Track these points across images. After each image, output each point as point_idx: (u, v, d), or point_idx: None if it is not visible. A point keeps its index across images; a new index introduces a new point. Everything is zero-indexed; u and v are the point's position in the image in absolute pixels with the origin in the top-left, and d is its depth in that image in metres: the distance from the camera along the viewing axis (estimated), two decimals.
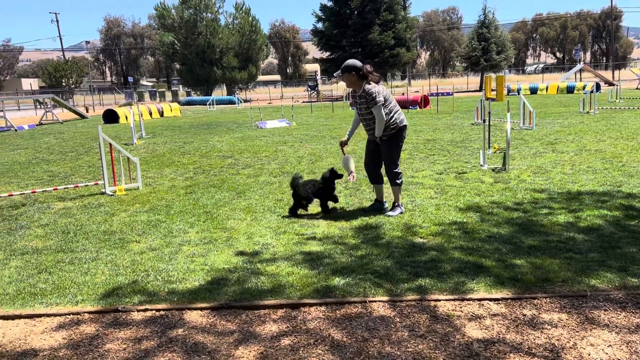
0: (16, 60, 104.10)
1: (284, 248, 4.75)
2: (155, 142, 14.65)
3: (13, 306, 3.72)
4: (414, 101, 25.12)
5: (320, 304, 3.53)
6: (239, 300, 3.64)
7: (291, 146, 12.31)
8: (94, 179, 8.70)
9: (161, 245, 5.01)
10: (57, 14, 66.17)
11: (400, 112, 5.74)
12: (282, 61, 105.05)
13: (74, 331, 3.32)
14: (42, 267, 4.49)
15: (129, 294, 3.85)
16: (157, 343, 3.12)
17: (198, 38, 46.24)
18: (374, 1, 42.85)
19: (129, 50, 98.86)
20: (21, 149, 14.22)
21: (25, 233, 5.62)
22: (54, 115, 26.64)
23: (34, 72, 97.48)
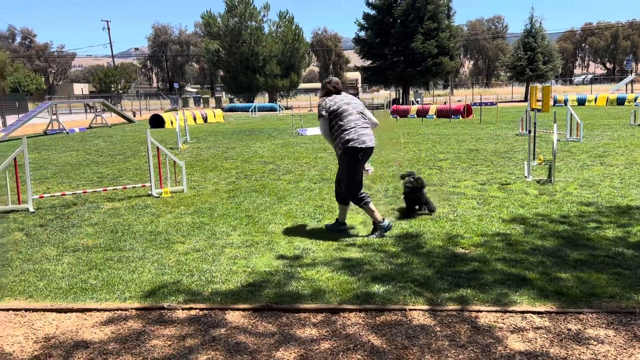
0: (69, 65, 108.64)
1: (324, 253, 4.80)
2: (199, 146, 15.01)
3: (66, 300, 3.90)
4: (456, 110, 24.82)
5: (359, 310, 3.55)
6: (280, 303, 3.70)
7: (331, 153, 12.36)
8: (141, 181, 8.99)
9: (205, 246, 5.14)
10: (108, 22, 68.77)
11: (353, 132, 5.12)
12: (324, 69, 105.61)
13: (122, 326, 3.45)
14: (92, 264, 4.69)
15: (173, 293, 3.97)
16: (200, 341, 3.21)
17: (242, 46, 47.11)
18: (417, 10, 42.62)
19: (175, 57, 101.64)
20: (72, 151, 14.83)
21: (76, 231, 5.87)
22: (103, 119, 27.66)
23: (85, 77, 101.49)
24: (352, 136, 5.12)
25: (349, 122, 5.17)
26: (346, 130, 5.14)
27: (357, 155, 5.15)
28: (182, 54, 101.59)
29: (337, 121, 5.20)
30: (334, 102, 5.26)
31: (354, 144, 5.11)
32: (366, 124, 5.30)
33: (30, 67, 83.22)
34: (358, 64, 51.60)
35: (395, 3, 43.87)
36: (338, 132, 5.19)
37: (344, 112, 5.21)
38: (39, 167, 11.49)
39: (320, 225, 5.82)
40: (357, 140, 5.12)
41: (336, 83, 5.44)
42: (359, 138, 5.13)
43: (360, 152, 5.15)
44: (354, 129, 5.15)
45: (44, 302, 3.86)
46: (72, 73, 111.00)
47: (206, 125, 26.17)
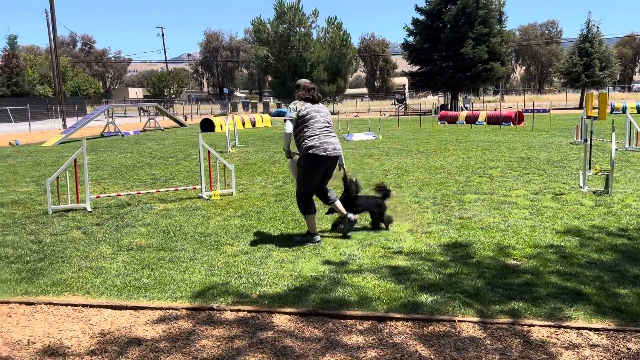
0: (125, 70, 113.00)
1: (370, 260, 4.77)
2: (247, 150, 15.26)
3: (120, 297, 4.04)
4: (507, 117, 24.20)
5: (407, 319, 3.51)
6: (326, 308, 3.70)
7: (377, 159, 12.31)
8: (192, 184, 9.22)
9: (252, 249, 5.22)
10: (162, 29, 71.16)
11: (316, 139, 5.28)
12: (370, 74, 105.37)
13: (173, 325, 3.55)
14: (145, 263, 4.84)
15: (222, 294, 4.05)
16: (248, 343, 3.26)
17: (291, 52, 47.66)
18: (468, 15, 41.90)
19: (225, 63, 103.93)
20: (127, 153, 15.39)
21: (130, 231, 6.08)
22: (156, 123, 28.57)
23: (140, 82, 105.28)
24: (314, 143, 5.31)
25: (314, 129, 5.37)
26: (310, 137, 5.34)
27: (316, 161, 5.33)
28: (232, 59, 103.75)
29: (303, 127, 5.40)
30: (305, 107, 5.44)
31: (315, 151, 5.30)
32: (331, 133, 5.48)
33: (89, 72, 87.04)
34: (406, 69, 51.14)
35: (446, 8, 43.30)
36: (302, 138, 5.38)
37: (311, 118, 5.40)
38: (96, 168, 11.98)
39: (367, 231, 5.79)
40: (319, 147, 5.30)
41: (305, 90, 5.54)
42: (321, 146, 5.32)
43: (320, 159, 5.32)
44: (317, 136, 5.35)
45: (100, 299, 4.01)
46: (127, 78, 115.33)
47: (254, 129, 26.59)
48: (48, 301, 3.96)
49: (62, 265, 4.84)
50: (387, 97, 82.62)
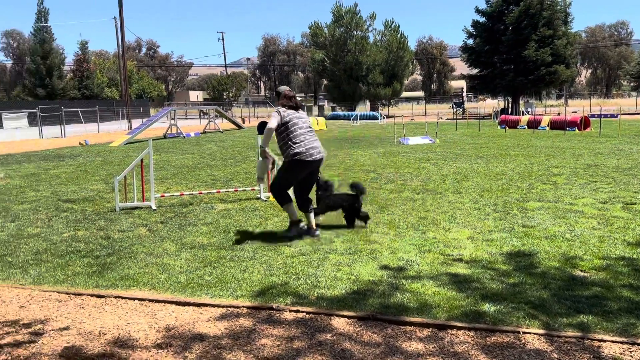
0: (186, 74, 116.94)
1: (429, 267, 4.70)
2: None
3: (184, 294, 4.18)
4: (572, 122, 23.20)
5: (468, 328, 3.43)
6: (385, 314, 3.68)
7: (434, 163, 12.12)
8: (250, 185, 9.41)
9: (310, 251, 5.26)
10: (223, 34, 73.11)
11: (302, 146, 5.57)
12: (427, 77, 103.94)
13: (234, 323, 3.63)
14: (207, 261, 4.98)
15: (281, 294, 4.10)
16: (307, 344, 3.28)
17: (347, 55, 47.74)
18: (531, 16, 40.50)
19: (282, 67, 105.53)
20: (188, 154, 15.90)
21: (193, 229, 6.28)
22: (216, 125, 29.36)
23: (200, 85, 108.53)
24: (301, 150, 5.58)
25: (299, 135, 5.63)
26: (296, 143, 5.59)
27: (302, 166, 5.62)
28: (288, 63, 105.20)
29: (287, 133, 5.63)
30: (287, 113, 5.68)
31: (302, 157, 5.58)
32: (314, 137, 5.76)
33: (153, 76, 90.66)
34: (464, 72, 50.07)
35: (507, 10, 42.03)
36: (287, 143, 5.63)
37: (294, 125, 5.65)
38: (159, 168, 12.45)
39: (426, 237, 5.71)
40: (305, 154, 5.59)
41: (287, 98, 5.78)
42: (307, 152, 5.60)
43: (307, 164, 5.61)
44: (303, 142, 5.61)
45: (165, 294, 4.16)
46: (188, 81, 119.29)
47: None
48: (117, 295, 4.15)
49: (129, 260, 5.06)
50: (444, 100, 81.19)
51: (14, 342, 3.36)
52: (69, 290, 4.29)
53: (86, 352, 3.23)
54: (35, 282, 4.53)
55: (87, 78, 57.57)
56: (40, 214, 7.30)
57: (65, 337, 3.43)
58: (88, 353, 3.21)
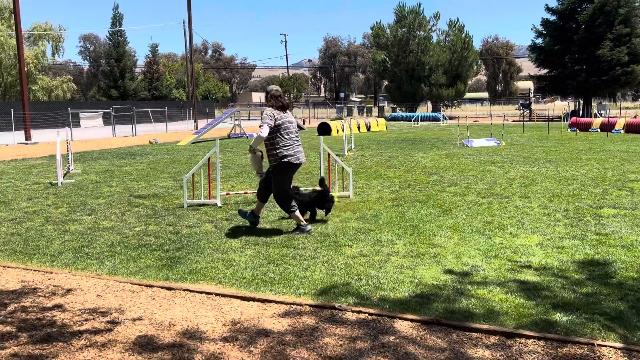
0: (249, 76, 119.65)
1: (496, 273, 4.56)
2: (363, 154, 15.38)
3: (249, 289, 4.28)
4: None
5: (538, 337, 3.30)
6: (450, 319, 3.61)
7: (500, 167, 11.74)
8: (311, 185, 9.49)
9: (371, 252, 5.24)
10: (285, 36, 74.27)
11: (291, 149, 5.85)
12: (492, 78, 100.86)
13: (297, 320, 3.68)
14: (270, 259, 5.08)
15: (343, 294, 4.11)
16: (370, 345, 3.27)
17: (409, 56, 47.16)
18: (606, 14, 38.39)
19: (342, 68, 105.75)
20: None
21: (256, 227, 6.41)
22: None
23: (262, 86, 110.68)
24: (289, 152, 5.87)
25: (289, 139, 5.90)
26: (285, 146, 5.86)
27: (290, 168, 5.92)
28: (349, 64, 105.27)
29: (277, 135, 5.85)
30: (281, 116, 5.89)
31: (291, 159, 5.87)
32: (299, 141, 6.03)
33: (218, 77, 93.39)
34: (532, 72, 48.20)
35: (580, 7, 40.08)
36: (277, 145, 5.86)
37: (285, 128, 5.89)
38: (224, 167, 12.81)
39: (492, 242, 5.55)
40: (293, 156, 5.89)
41: (278, 98, 5.98)
42: (295, 154, 5.91)
43: (293, 166, 5.92)
44: (291, 146, 5.89)
45: (230, 289, 4.28)
46: (251, 83, 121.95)
47: (369, 133, 26.70)
48: (186, 288, 4.31)
49: (196, 255, 5.25)
50: (509, 101, 78.51)
51: (92, 329, 3.56)
52: (141, 281, 4.50)
53: (157, 341, 3.37)
54: (110, 272, 4.78)
55: (157, 80, 60.15)
56: (114, 209, 7.69)
57: (138, 327, 3.60)
58: (159, 343, 3.35)
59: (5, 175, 11.82)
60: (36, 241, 5.89)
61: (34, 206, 8.02)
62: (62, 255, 5.34)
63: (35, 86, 51.51)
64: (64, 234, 6.19)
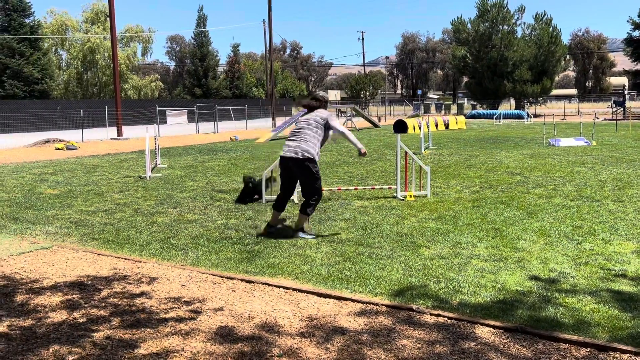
0: (326, 74, 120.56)
1: (586, 281, 4.28)
2: (441, 153, 15.01)
3: (325, 286, 4.30)
4: None
5: (636, 353, 3.05)
6: (535, 327, 3.42)
7: (591, 168, 11.02)
8: (386, 183, 9.40)
9: (450, 254, 5.09)
10: (363, 33, 74.10)
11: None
12: (581, 73, 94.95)
13: (373, 320, 3.64)
14: (346, 256, 5.07)
15: (421, 296, 4.03)
16: (449, 350, 3.18)
17: (491, 51, 45.45)
18: None
19: (420, 64, 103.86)
20: (326, 151, 16.37)
21: (331, 224, 6.44)
22: (353, 123, 29.86)
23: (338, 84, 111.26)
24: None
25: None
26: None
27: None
28: (427, 61, 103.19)
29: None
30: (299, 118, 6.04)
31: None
32: (296, 137, 5.86)
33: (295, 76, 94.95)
34: (627, 67, 44.82)
35: None
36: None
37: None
38: None
39: (582, 248, 5.21)
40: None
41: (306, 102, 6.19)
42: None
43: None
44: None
45: (307, 285, 4.32)
46: (327, 81, 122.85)
47: (447, 131, 26.03)
48: (264, 281, 4.40)
49: (274, 250, 5.35)
50: (600, 98, 73.55)
51: (176, 317, 3.73)
52: (222, 273, 4.66)
53: (237, 333, 3.47)
54: (193, 263, 4.99)
55: (238, 78, 62.11)
56: (197, 202, 8.03)
57: (219, 317, 3.73)
58: (239, 334, 3.45)
59: (100, 169, 12.70)
60: (126, 231, 6.27)
61: (125, 198, 8.54)
62: (150, 245, 5.64)
63: (127, 85, 54.97)
64: (151, 225, 6.54)
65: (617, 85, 79.98)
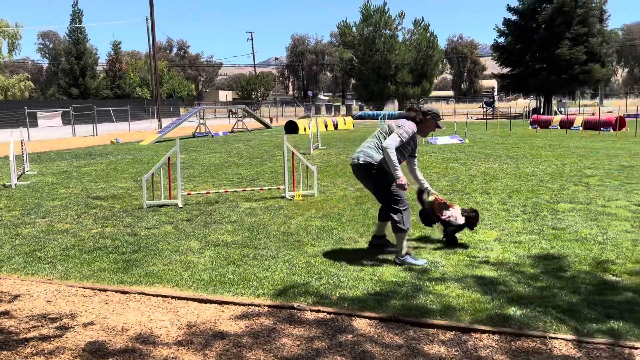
0: (216, 74, 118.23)
1: (454, 269, 4.61)
2: (329, 152, 15.38)
3: (206, 291, 4.19)
4: (606, 122, 22.55)
5: (493, 332, 3.34)
6: (407, 315, 3.62)
7: (463, 164, 11.92)
8: (276, 184, 9.42)
9: (333, 251, 5.22)
10: (252, 33, 73.77)
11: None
12: (457, 76, 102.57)
13: (255, 321, 3.62)
14: (230, 259, 5.00)
15: (303, 294, 4.08)
16: (327, 345, 3.25)
17: (375, 54, 47.47)
18: (565, 14, 39.53)
19: (310, 66, 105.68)
20: (216, 153, 16.06)
21: (217, 227, 6.31)
22: (244, 124, 29.59)
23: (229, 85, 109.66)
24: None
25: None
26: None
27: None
28: (317, 63, 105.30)
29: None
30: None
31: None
32: (365, 145, 5.03)
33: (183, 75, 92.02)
34: (495, 71, 49.22)
35: (540, 8, 41.13)
36: None
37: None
38: (187, 166, 12.60)
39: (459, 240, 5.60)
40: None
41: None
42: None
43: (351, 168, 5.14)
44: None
45: (187, 292, 4.19)
46: (218, 81, 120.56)
47: (336, 132, 26.76)
48: (141, 291, 4.19)
49: (154, 257, 5.12)
50: (474, 100, 80.00)
51: (39, 336, 3.42)
52: (94, 285, 4.36)
53: (108, 347, 3.26)
54: (62, 277, 4.61)
55: (120, 78, 58.83)
56: (70, 211, 7.46)
57: (89, 332, 3.48)
58: (110, 348, 3.25)
59: None
60: None
61: None
62: (12, 260, 5.13)
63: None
64: (15, 238, 5.95)
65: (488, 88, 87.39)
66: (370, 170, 4.88)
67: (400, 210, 4.87)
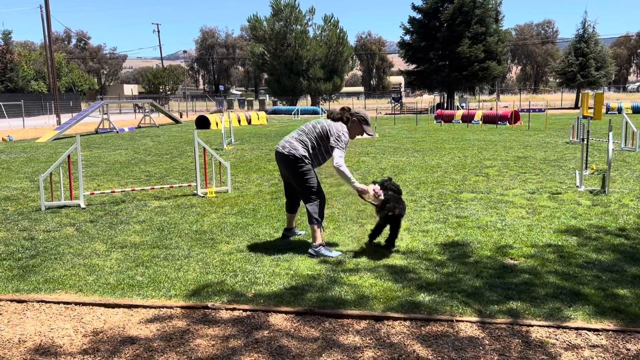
0: (120, 67, 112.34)
1: (367, 259, 4.73)
2: (243, 148, 15.19)
3: (113, 295, 3.98)
4: (503, 116, 24.22)
5: (404, 318, 3.47)
6: (323, 308, 3.66)
7: (373, 157, 12.27)
8: (187, 181, 9.15)
9: (248, 247, 5.16)
10: (158, 25, 70.82)
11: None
12: (367, 73, 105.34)
13: (167, 324, 3.49)
14: (139, 261, 4.78)
15: (217, 293, 3.99)
16: (243, 342, 3.20)
17: (287, 49, 47.53)
18: (464, 14, 41.94)
19: (221, 60, 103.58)
20: (122, 150, 15.29)
21: (125, 228, 6.01)
22: (152, 119, 28.43)
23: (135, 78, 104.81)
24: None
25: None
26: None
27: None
28: (228, 57, 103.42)
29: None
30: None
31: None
32: (292, 136, 5.18)
33: (84, 68, 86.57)
34: (402, 67, 51.10)
35: (442, 7, 43.30)
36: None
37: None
38: (90, 164, 11.89)
39: (362, 229, 5.75)
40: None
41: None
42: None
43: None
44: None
45: (93, 297, 3.95)
46: (122, 74, 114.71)
47: (250, 127, 26.50)
48: (40, 299, 3.89)
49: (54, 262, 4.77)
50: (383, 95, 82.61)
51: None
52: None
53: None
54: None
55: (11, 70, 54.16)
56: None
57: None
58: None
59: None
60: None
61: None
62: None
63: None
64: None
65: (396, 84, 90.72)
66: (293, 162, 4.96)
67: (315, 201, 4.96)
